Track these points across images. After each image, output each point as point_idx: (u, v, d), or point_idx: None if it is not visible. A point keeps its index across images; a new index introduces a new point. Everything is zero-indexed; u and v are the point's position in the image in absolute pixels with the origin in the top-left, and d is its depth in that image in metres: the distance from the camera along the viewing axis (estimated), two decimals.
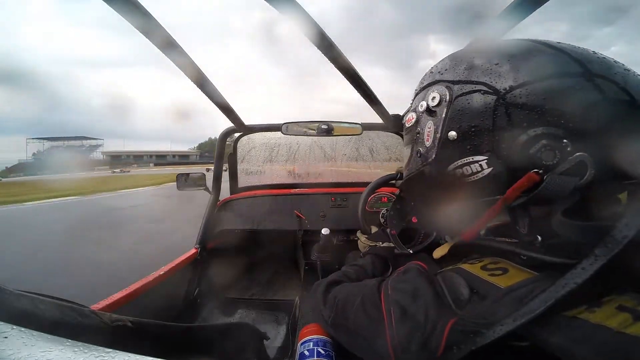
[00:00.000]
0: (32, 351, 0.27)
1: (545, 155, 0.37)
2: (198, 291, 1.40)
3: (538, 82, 0.39)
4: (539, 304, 0.31)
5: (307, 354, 0.57)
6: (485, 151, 0.41)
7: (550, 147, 0.37)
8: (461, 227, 0.54)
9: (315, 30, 0.81)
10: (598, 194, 0.37)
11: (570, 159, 0.36)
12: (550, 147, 0.37)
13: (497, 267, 0.40)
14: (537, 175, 0.37)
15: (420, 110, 0.50)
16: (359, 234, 1.03)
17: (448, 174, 0.45)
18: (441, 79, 0.47)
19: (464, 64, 0.45)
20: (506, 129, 0.39)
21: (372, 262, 0.78)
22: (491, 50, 0.45)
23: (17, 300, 0.34)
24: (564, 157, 0.37)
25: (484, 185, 0.42)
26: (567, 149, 0.36)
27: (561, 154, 0.37)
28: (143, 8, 0.74)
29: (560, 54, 0.40)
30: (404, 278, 0.46)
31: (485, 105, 0.41)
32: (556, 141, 0.37)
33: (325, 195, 1.58)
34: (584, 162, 0.36)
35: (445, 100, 0.45)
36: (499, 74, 0.41)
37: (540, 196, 0.37)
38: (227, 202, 1.59)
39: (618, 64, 0.40)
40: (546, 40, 0.44)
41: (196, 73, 1.02)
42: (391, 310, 0.42)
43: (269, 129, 1.63)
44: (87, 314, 0.38)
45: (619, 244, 0.29)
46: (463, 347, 0.35)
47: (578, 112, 0.37)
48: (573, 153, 0.36)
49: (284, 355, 1.08)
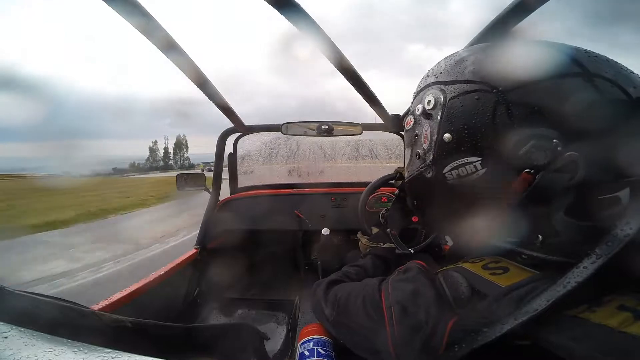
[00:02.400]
0: (32, 351, 0.27)
1: (535, 156, 0.38)
2: (198, 291, 1.40)
3: (532, 83, 0.39)
4: (540, 303, 0.31)
5: (307, 354, 0.57)
6: (480, 152, 0.42)
7: (540, 148, 0.37)
8: (461, 228, 0.55)
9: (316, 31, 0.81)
10: (599, 193, 0.37)
11: (560, 158, 0.37)
12: (540, 148, 0.37)
13: (498, 267, 0.40)
14: (530, 175, 0.38)
15: (418, 113, 0.50)
16: (359, 235, 1.03)
17: (445, 175, 0.45)
18: (436, 81, 0.48)
19: (458, 66, 0.46)
20: (498, 130, 0.40)
21: (372, 262, 0.78)
22: (485, 52, 0.46)
23: (17, 300, 0.34)
24: (554, 156, 0.37)
25: (479, 186, 0.43)
26: (557, 149, 0.37)
27: (552, 154, 0.37)
28: (143, 8, 0.74)
29: (555, 54, 0.41)
30: (405, 277, 0.46)
31: (477, 107, 0.42)
32: (546, 141, 0.37)
33: (325, 195, 1.58)
34: (575, 162, 0.36)
35: (440, 103, 0.46)
36: (492, 76, 0.42)
37: (533, 195, 0.38)
38: (227, 202, 1.59)
39: (614, 63, 0.40)
40: (542, 40, 0.44)
41: (196, 73, 1.02)
42: (392, 309, 0.42)
43: (269, 129, 1.63)
44: (87, 314, 0.38)
45: (619, 243, 0.29)
46: (464, 346, 0.35)
47: (573, 112, 0.37)
48: (564, 153, 0.36)
49: (284, 355, 1.08)
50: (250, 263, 1.68)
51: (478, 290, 0.38)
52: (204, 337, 0.54)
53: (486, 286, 0.38)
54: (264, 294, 1.63)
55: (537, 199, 0.38)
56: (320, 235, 1.40)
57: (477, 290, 0.38)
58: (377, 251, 0.86)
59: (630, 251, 0.28)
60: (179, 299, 1.30)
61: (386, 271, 0.79)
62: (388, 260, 0.82)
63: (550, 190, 0.37)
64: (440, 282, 0.42)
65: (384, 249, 0.87)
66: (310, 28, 0.79)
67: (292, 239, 1.70)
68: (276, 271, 1.77)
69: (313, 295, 0.64)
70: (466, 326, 0.36)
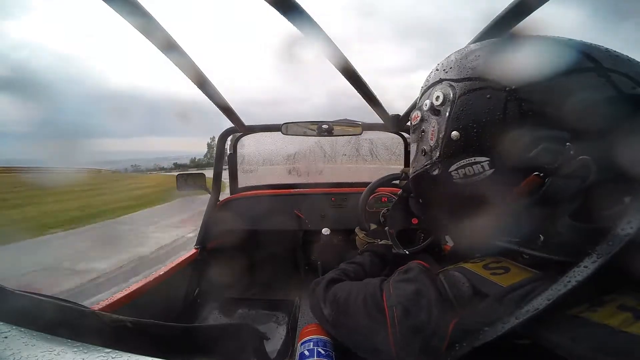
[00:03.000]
0: (32, 351, 0.27)
1: (546, 159, 0.36)
2: (198, 291, 1.40)
3: (545, 81, 0.37)
4: (540, 302, 0.31)
5: (307, 354, 0.57)
6: (488, 152, 0.40)
7: (551, 150, 0.36)
8: (464, 227, 0.54)
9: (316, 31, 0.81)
10: (607, 195, 0.36)
11: (573, 162, 0.35)
12: (551, 150, 0.36)
13: (499, 266, 0.40)
14: (539, 178, 0.37)
15: (425, 108, 0.49)
16: (357, 230, 1.03)
17: (451, 174, 0.44)
18: (445, 77, 0.46)
19: (469, 62, 0.44)
20: (508, 130, 0.38)
21: (370, 260, 0.78)
22: (495, 48, 0.44)
23: (17, 300, 0.34)
24: (565, 160, 0.36)
25: (486, 187, 0.42)
26: (569, 152, 0.35)
27: (563, 157, 0.36)
28: (143, 8, 0.74)
29: (570, 50, 0.39)
30: (406, 277, 0.46)
31: (487, 105, 0.40)
32: (557, 144, 0.36)
33: (325, 195, 1.58)
34: (587, 166, 0.34)
35: (449, 100, 0.44)
36: (503, 73, 0.40)
37: (543, 199, 0.37)
38: (227, 202, 1.59)
39: (627, 58, 0.38)
40: (555, 35, 0.42)
41: (196, 73, 1.02)
42: (394, 310, 0.42)
43: (269, 129, 1.63)
44: (87, 314, 0.38)
45: (620, 242, 0.29)
46: (465, 345, 0.35)
47: (587, 110, 0.35)
48: (576, 156, 0.35)
49: (284, 355, 1.08)
50: (250, 263, 1.67)
51: (479, 290, 0.38)
52: (204, 337, 0.53)
53: (487, 286, 0.38)
54: (264, 294, 1.62)
55: (545, 202, 0.37)
56: (320, 235, 1.40)
57: (478, 290, 0.38)
58: (375, 248, 0.86)
59: (630, 250, 0.28)
60: (179, 299, 1.30)
61: (383, 269, 0.79)
62: (385, 257, 0.82)
63: (559, 194, 0.36)
64: (441, 282, 0.42)
65: (381, 245, 0.86)
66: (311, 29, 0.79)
67: (292, 239, 1.70)
68: (276, 271, 1.77)
69: (312, 294, 0.64)
70: (467, 326, 0.36)
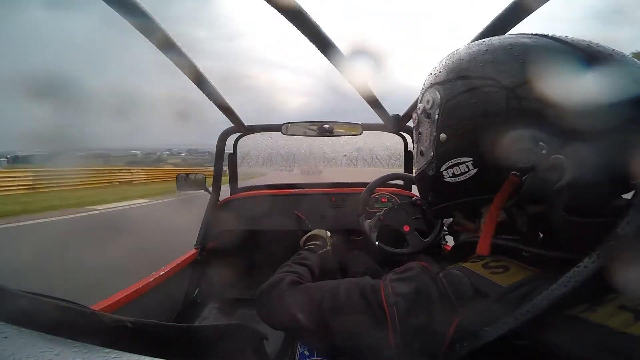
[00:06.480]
0: (32, 351, 0.27)
1: (521, 158, 0.38)
2: (198, 291, 1.40)
3: (527, 83, 0.38)
4: (540, 303, 0.31)
5: (307, 354, 0.57)
6: (471, 153, 0.42)
7: (526, 150, 0.38)
8: (462, 225, 0.55)
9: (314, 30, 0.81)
10: (601, 191, 0.36)
11: (545, 161, 0.36)
12: (526, 150, 0.38)
13: (499, 265, 0.40)
14: (516, 178, 0.38)
15: (419, 112, 0.51)
16: None
17: (442, 173, 0.47)
18: (435, 81, 0.48)
19: (455, 66, 0.46)
20: (489, 130, 0.40)
21: (316, 261, 0.80)
22: (479, 52, 0.45)
23: (17, 300, 0.33)
24: (540, 159, 0.37)
25: (471, 186, 0.44)
26: (541, 151, 0.37)
27: (536, 156, 0.37)
28: (143, 8, 0.74)
29: (558, 49, 0.39)
30: (406, 276, 0.46)
31: (470, 108, 0.42)
32: (531, 143, 0.37)
33: (325, 195, 1.58)
34: (560, 164, 0.35)
35: (437, 103, 0.46)
36: (485, 75, 0.42)
37: (524, 196, 0.39)
38: (227, 203, 1.59)
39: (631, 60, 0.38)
40: (544, 33, 0.42)
41: (196, 73, 1.02)
42: (394, 308, 0.41)
43: (269, 129, 1.63)
44: (87, 314, 0.38)
45: (620, 242, 0.29)
46: (465, 345, 0.35)
47: (572, 111, 0.35)
48: (549, 155, 0.36)
49: (284, 355, 1.08)
50: (250, 263, 1.67)
51: (480, 289, 0.38)
52: (204, 337, 0.53)
53: (487, 285, 0.38)
54: None
55: (529, 199, 0.39)
56: None
57: (478, 290, 0.38)
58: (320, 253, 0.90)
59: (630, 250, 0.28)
60: (179, 299, 1.30)
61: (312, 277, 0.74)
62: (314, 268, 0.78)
63: (538, 192, 0.37)
64: (441, 281, 0.42)
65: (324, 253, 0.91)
66: None
67: (292, 239, 1.70)
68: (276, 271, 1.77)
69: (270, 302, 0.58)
70: (468, 326, 0.36)
